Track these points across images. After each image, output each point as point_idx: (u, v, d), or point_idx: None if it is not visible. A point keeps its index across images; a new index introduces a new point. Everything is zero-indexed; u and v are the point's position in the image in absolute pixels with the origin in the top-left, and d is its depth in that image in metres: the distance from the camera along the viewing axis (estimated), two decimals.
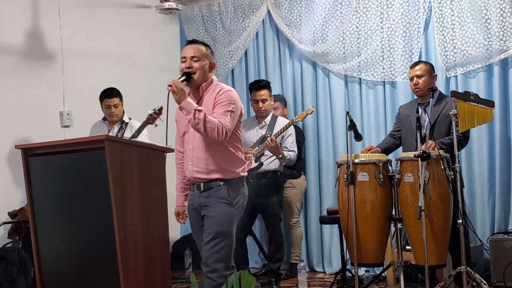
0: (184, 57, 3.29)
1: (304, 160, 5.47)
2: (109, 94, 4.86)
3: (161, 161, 3.04)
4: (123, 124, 4.91)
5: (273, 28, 5.79)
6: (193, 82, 3.27)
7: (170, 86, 3.12)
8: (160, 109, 4.60)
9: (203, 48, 3.32)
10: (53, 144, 3.22)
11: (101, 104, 4.89)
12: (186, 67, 3.26)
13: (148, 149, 3.05)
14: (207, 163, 3.21)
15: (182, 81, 3.21)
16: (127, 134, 4.78)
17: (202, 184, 3.24)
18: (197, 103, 3.25)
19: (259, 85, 4.83)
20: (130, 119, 4.96)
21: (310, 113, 4.69)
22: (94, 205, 3.01)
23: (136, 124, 4.84)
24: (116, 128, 4.91)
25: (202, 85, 3.29)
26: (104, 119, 4.97)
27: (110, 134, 4.82)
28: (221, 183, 3.22)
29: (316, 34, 5.47)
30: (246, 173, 3.38)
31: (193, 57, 3.26)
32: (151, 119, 4.60)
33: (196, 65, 3.25)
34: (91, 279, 3.03)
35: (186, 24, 6.23)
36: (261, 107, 4.81)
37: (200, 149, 3.23)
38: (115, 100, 4.86)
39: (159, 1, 5.89)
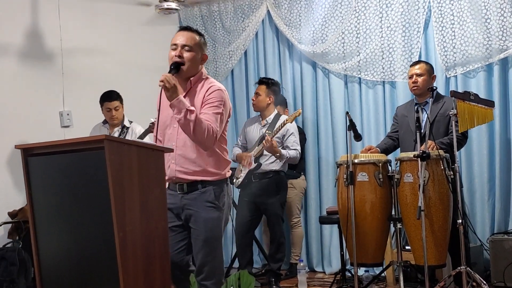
0: (175, 45, 3.04)
1: (304, 160, 5.47)
2: (109, 97, 4.86)
3: (160, 161, 3.03)
4: (124, 129, 4.90)
5: (272, 28, 5.79)
6: (181, 73, 3.03)
7: (162, 81, 2.90)
8: None
9: (197, 37, 3.07)
10: (53, 144, 3.21)
11: (101, 107, 4.90)
12: (176, 56, 3.02)
13: (148, 149, 3.04)
14: (192, 164, 3.03)
15: (172, 73, 2.98)
16: (128, 138, 4.77)
17: (185, 184, 3.06)
18: (184, 96, 3.03)
19: (258, 80, 5.03)
20: (130, 122, 4.96)
21: (298, 115, 4.69)
22: (94, 205, 3.00)
23: (137, 128, 4.84)
24: (116, 133, 4.90)
25: (191, 78, 3.07)
26: (105, 122, 4.98)
27: None
28: (207, 184, 3.05)
29: (315, 34, 5.47)
30: (230, 172, 3.20)
31: (184, 45, 3.02)
32: (152, 127, 4.60)
33: (187, 55, 3.02)
34: (90, 279, 3.03)
35: (185, 24, 6.22)
36: (252, 99, 4.95)
37: (185, 149, 3.04)
38: (115, 103, 4.86)
39: (158, 1, 5.89)
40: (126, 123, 4.94)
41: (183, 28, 3.13)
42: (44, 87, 5.10)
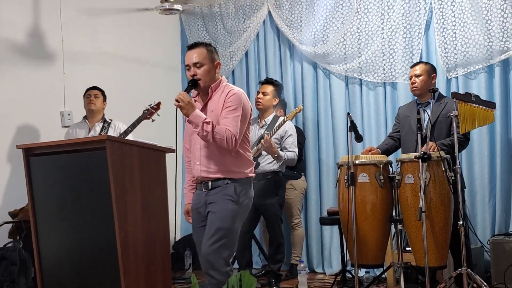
0: (188, 65, 3.26)
1: (305, 161, 5.47)
2: (91, 88, 4.95)
3: (162, 161, 3.05)
4: (105, 124, 4.91)
5: (274, 29, 5.79)
6: (200, 88, 3.25)
7: (177, 101, 3.10)
8: (158, 104, 4.62)
9: (205, 50, 3.26)
10: (54, 144, 3.22)
11: (83, 99, 4.92)
12: (191, 75, 3.23)
13: (149, 149, 3.05)
14: (215, 163, 3.20)
15: (189, 89, 3.20)
16: (111, 133, 4.78)
17: (209, 182, 3.22)
18: (206, 104, 3.26)
19: (265, 80, 5.04)
20: (111, 120, 4.95)
21: (299, 111, 4.74)
22: (95, 205, 3.01)
23: (119, 124, 4.86)
24: (98, 127, 4.89)
25: (211, 86, 3.26)
26: (85, 117, 4.97)
27: (92, 132, 4.84)
28: (229, 181, 3.20)
29: (317, 35, 5.47)
30: (253, 174, 3.36)
31: (196, 63, 3.22)
32: (147, 114, 4.62)
33: (200, 71, 3.22)
34: (91, 279, 3.03)
35: (187, 25, 6.23)
36: (259, 98, 4.89)
37: (208, 149, 3.22)
38: (95, 92, 4.93)
39: (160, 2, 5.89)
40: (107, 119, 4.95)
41: (190, 47, 3.30)
42: (45, 87, 5.11)
